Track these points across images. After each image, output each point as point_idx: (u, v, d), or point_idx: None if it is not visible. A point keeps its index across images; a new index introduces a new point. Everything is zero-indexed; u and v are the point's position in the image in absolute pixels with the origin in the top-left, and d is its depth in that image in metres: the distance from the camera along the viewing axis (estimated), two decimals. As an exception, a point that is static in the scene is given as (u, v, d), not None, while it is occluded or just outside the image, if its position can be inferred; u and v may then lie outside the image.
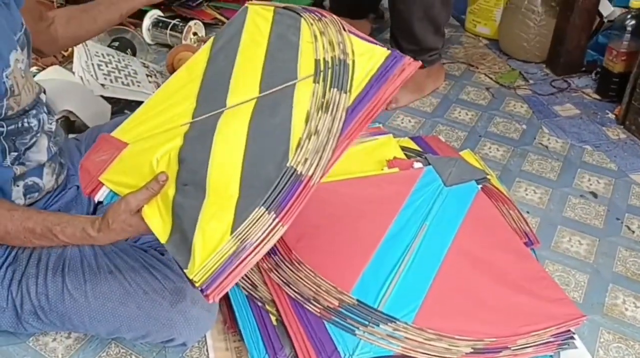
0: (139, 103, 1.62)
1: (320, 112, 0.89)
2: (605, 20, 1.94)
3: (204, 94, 1.01)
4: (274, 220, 0.82)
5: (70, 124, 1.46)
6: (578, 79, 1.96)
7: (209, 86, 1.02)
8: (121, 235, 0.91)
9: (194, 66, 1.06)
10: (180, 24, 1.94)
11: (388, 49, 0.92)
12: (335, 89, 0.89)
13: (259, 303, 1.10)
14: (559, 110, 1.82)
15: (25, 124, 1.00)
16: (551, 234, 1.38)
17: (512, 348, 1.05)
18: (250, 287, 1.12)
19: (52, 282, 0.98)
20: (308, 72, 0.94)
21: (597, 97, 1.88)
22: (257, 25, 1.06)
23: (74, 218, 0.95)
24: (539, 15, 1.96)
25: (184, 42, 1.91)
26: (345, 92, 0.89)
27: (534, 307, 1.11)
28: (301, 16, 1.02)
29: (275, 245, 1.14)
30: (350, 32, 0.98)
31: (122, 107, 1.60)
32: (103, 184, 0.95)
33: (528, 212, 1.44)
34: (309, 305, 1.08)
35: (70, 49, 1.64)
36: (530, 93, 1.90)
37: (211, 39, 1.08)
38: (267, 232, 0.82)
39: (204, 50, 1.07)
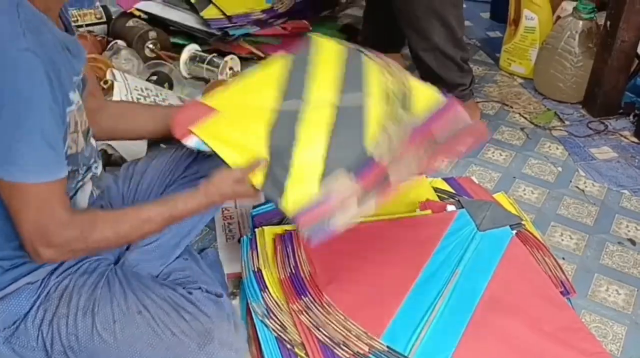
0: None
1: (391, 122, 1.10)
2: (644, 62, 1.91)
3: (288, 89, 1.20)
4: (353, 181, 1.02)
5: (108, 157, 1.49)
6: (615, 121, 1.93)
7: (291, 85, 1.21)
8: (227, 196, 1.05)
9: (272, 69, 1.26)
10: (217, 58, 1.97)
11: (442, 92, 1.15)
12: (402, 110, 1.13)
13: (288, 346, 1.09)
14: (595, 152, 1.79)
15: (76, 168, 1.01)
16: (588, 283, 1.35)
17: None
18: (280, 328, 1.11)
19: (82, 323, 0.98)
20: (378, 93, 1.17)
21: (635, 140, 1.85)
22: (326, 49, 1.30)
23: (182, 195, 1.04)
24: (576, 56, 1.95)
25: (220, 76, 1.94)
26: (409, 113, 1.12)
27: (570, 359, 1.08)
28: (361, 51, 1.28)
29: (306, 286, 1.14)
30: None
31: (157, 141, 1.62)
32: (193, 134, 1.13)
33: (564, 258, 1.41)
34: (338, 350, 1.06)
35: (110, 82, 1.68)
36: (566, 134, 1.87)
37: (290, 58, 1.28)
38: (348, 190, 1.01)
39: (281, 63, 1.27)
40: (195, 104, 1.22)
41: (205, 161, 1.26)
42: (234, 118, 1.17)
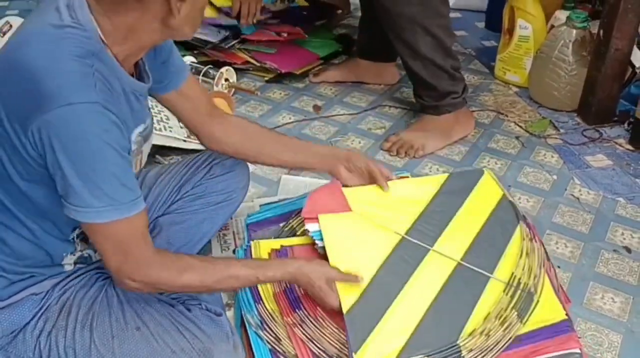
0: (169, 148, 1.67)
1: (496, 320, 1.08)
2: (638, 70, 1.92)
3: (422, 222, 1.27)
4: None
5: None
6: (610, 129, 1.93)
7: (428, 218, 1.28)
8: (310, 286, 1.08)
9: (423, 185, 1.38)
10: (212, 70, 1.98)
11: (566, 314, 1.12)
12: (515, 313, 1.09)
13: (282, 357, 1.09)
14: (590, 160, 1.80)
15: None
16: (583, 291, 1.35)
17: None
18: (274, 340, 1.11)
19: (80, 337, 0.98)
20: (504, 276, 1.16)
21: (630, 147, 1.85)
22: (484, 196, 1.35)
23: (273, 263, 1.14)
24: (570, 65, 1.96)
25: (215, 88, 1.94)
26: (521, 322, 1.09)
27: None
28: (519, 222, 1.28)
29: (301, 300, 1.14)
30: (546, 271, 1.20)
31: (153, 152, 1.62)
32: (317, 221, 1.23)
33: (559, 267, 1.40)
34: (332, 363, 1.06)
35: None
36: (561, 142, 1.88)
37: (446, 176, 1.41)
38: None
39: (435, 181, 1.38)
40: (337, 188, 1.30)
41: (213, 181, 1.28)
42: (362, 226, 1.25)
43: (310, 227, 1.25)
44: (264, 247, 1.27)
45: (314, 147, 1.36)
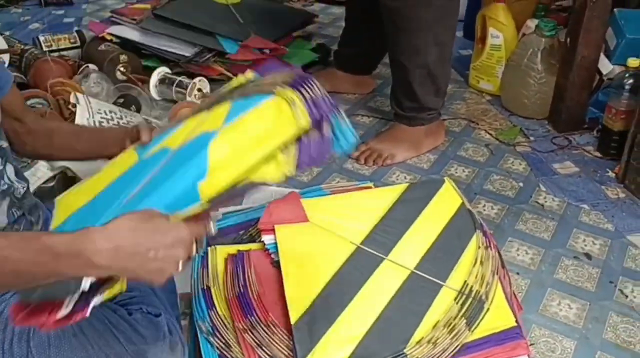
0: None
1: (445, 328, 1.08)
2: (605, 78, 1.93)
3: (379, 231, 1.28)
4: None
5: (68, 180, 1.51)
6: (580, 136, 1.95)
7: (385, 227, 1.29)
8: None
9: (383, 195, 1.37)
10: (186, 80, 2.00)
11: (516, 321, 1.11)
12: (465, 320, 1.09)
13: (231, 364, 1.10)
14: (558, 168, 1.81)
15: None
16: (540, 297, 1.36)
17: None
18: (223, 346, 1.12)
19: (17, 348, 0.97)
20: (456, 284, 1.16)
21: (598, 154, 1.86)
22: (443, 205, 1.35)
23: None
24: (539, 73, 1.97)
25: (188, 98, 1.97)
26: (470, 330, 1.08)
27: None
28: (476, 230, 1.28)
29: (253, 306, 1.15)
30: (500, 279, 1.20)
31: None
32: (274, 233, 1.25)
33: (518, 273, 1.42)
34: (280, 369, 1.07)
35: (74, 106, 1.70)
36: (529, 150, 1.89)
37: (406, 186, 1.41)
38: None
39: (395, 191, 1.38)
40: (295, 198, 1.32)
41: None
42: (318, 236, 1.26)
43: (266, 238, 1.26)
44: (220, 252, 1.28)
45: (107, 131, 1.31)
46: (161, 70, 2.06)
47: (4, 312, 1.01)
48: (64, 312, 0.77)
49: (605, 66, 1.91)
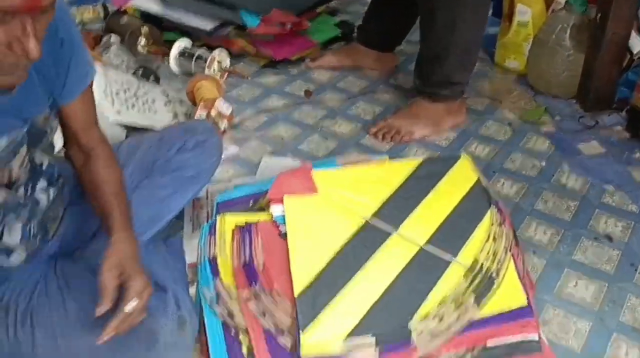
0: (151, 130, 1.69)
1: (453, 304, 1.06)
2: (636, 57, 1.86)
3: (390, 206, 1.24)
4: (375, 355, 1.01)
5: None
6: (608, 117, 1.88)
7: (397, 202, 1.26)
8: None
9: (396, 169, 1.34)
10: (206, 54, 1.99)
11: (527, 300, 1.08)
12: (473, 297, 1.07)
13: (233, 331, 1.09)
14: (583, 148, 1.75)
15: None
16: (556, 278, 1.31)
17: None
18: (227, 314, 1.11)
19: (22, 333, 0.97)
20: (466, 260, 1.13)
21: (627, 135, 1.79)
22: (457, 181, 1.32)
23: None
24: (567, 50, 1.90)
25: (207, 71, 1.95)
26: (478, 306, 1.06)
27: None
28: (491, 206, 1.24)
29: (257, 275, 1.14)
30: (513, 256, 1.16)
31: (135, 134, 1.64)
32: (281, 203, 1.23)
33: (534, 252, 1.37)
34: (281, 338, 1.06)
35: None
36: (554, 130, 1.83)
37: (420, 160, 1.36)
38: None
39: (409, 165, 1.35)
40: (307, 170, 1.29)
41: (186, 155, 1.28)
42: (327, 209, 1.24)
43: (274, 209, 1.24)
44: (228, 221, 1.27)
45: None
46: (181, 43, 2.05)
47: (4, 298, 1.01)
48: None
49: (636, 44, 1.83)
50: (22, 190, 1.00)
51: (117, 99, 1.63)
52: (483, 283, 1.10)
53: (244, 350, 1.06)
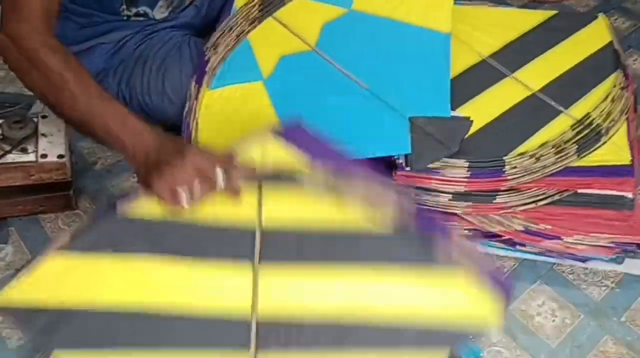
0: None
1: (552, 149, 1.05)
2: None
3: (511, 49, 1.22)
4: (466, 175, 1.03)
5: None
6: None
7: (519, 47, 1.23)
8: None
9: (526, 17, 1.29)
10: None
11: (631, 161, 1.05)
12: (576, 147, 1.05)
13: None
14: None
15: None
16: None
17: (565, 240, 1.01)
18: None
19: (154, 84, 1.08)
20: (577, 113, 1.11)
21: None
22: (589, 39, 1.26)
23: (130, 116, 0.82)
24: None
25: None
26: (578, 156, 1.05)
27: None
28: (618, 69, 1.20)
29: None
30: (628, 120, 1.13)
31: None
32: None
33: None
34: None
35: None
36: None
37: (554, 13, 1.30)
38: None
39: (541, 15, 1.29)
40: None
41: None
42: None
43: None
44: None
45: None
46: None
47: (144, 52, 1.12)
48: None
49: None
50: None
51: None
52: (589, 137, 1.08)
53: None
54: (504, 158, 1.05)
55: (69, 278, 0.70)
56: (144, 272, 0.70)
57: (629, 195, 1.04)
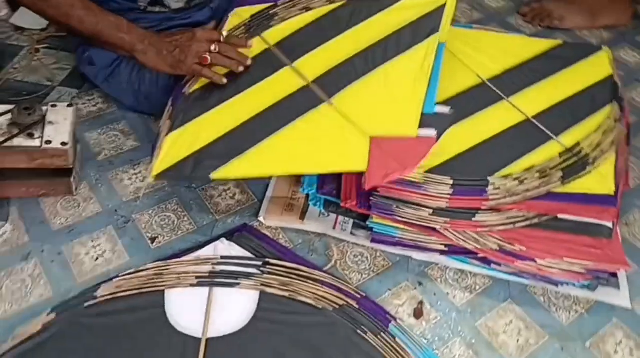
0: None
1: (538, 174, 1.08)
2: None
3: (511, 74, 1.26)
4: (448, 193, 1.06)
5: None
6: None
7: (519, 73, 1.27)
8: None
9: (530, 45, 1.33)
10: None
11: (615, 192, 1.06)
12: (561, 173, 1.07)
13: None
14: None
15: None
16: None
17: (539, 263, 1.03)
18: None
19: (162, 76, 1.15)
20: (567, 142, 1.13)
21: None
22: (589, 71, 1.28)
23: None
24: None
25: None
26: (562, 183, 1.06)
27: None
28: (613, 101, 1.22)
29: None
30: (617, 153, 1.14)
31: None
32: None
33: (645, 164, 1.32)
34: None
35: None
36: None
37: (558, 42, 1.35)
38: None
39: (546, 44, 1.34)
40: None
41: None
42: (448, 63, 1.18)
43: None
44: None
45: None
46: None
47: None
48: None
49: None
50: None
51: None
52: (575, 165, 1.10)
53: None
54: (489, 178, 1.07)
55: (187, 137, 1.03)
56: (234, 104, 1.07)
57: (609, 224, 1.05)
